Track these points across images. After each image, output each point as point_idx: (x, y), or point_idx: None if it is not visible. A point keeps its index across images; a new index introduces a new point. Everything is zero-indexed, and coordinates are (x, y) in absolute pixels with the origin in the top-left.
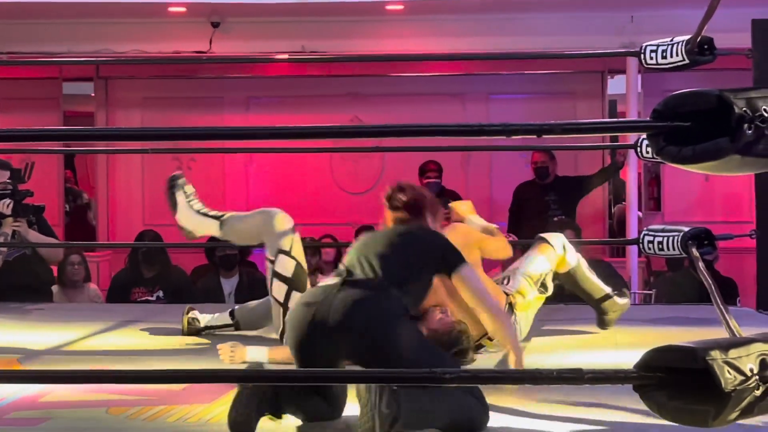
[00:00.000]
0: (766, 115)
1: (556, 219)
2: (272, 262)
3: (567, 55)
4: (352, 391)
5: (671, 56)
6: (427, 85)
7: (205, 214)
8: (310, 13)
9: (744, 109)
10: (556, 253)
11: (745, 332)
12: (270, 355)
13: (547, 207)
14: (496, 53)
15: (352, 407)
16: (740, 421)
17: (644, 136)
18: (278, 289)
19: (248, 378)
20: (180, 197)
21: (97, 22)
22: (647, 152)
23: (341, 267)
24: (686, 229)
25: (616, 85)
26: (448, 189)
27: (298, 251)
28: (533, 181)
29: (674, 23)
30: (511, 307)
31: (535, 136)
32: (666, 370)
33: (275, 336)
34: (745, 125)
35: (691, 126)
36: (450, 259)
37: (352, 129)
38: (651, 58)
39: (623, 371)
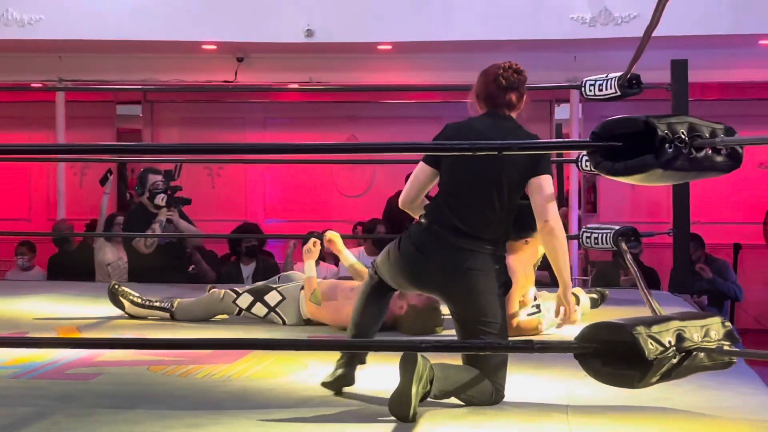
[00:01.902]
0: (683, 137)
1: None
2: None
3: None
4: None
5: (606, 89)
6: (411, 110)
7: (152, 307)
8: (317, 51)
9: (665, 132)
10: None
11: (665, 311)
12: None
13: None
14: (466, 85)
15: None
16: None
17: (584, 153)
18: None
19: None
20: (124, 301)
21: (145, 57)
22: (586, 166)
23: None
24: (617, 227)
25: (561, 112)
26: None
27: None
28: None
29: (609, 62)
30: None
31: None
32: (600, 342)
33: None
34: (667, 145)
35: (623, 145)
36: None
37: (349, 147)
38: (590, 91)
39: (566, 342)
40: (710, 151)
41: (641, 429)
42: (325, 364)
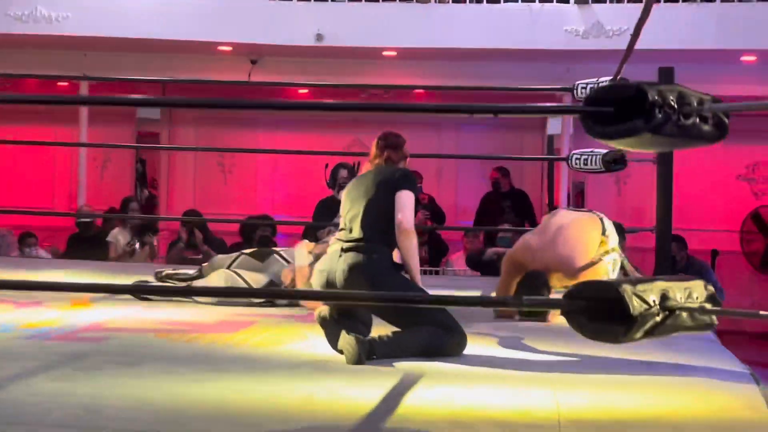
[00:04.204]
0: (672, 104)
1: (508, 221)
2: None
3: (515, 89)
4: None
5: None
6: (413, 115)
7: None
8: (326, 55)
9: (656, 97)
10: None
11: None
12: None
13: (503, 211)
14: (468, 86)
15: None
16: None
17: (574, 152)
18: None
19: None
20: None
21: (164, 56)
22: (576, 164)
23: (341, 224)
24: (605, 150)
25: (554, 126)
26: (426, 193)
27: None
28: (492, 192)
29: (601, 73)
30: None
31: (494, 115)
32: (587, 299)
33: None
34: (657, 110)
35: (615, 110)
36: (401, 182)
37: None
38: (581, 93)
39: (555, 299)
40: (698, 120)
41: (623, 395)
42: (322, 338)
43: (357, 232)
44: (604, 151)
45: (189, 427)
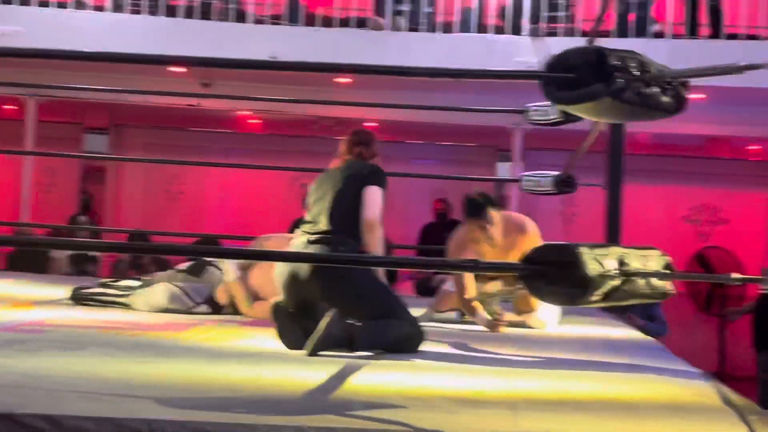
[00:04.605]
0: (633, 70)
1: None
2: None
3: (469, 109)
4: None
5: (550, 115)
6: None
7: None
8: (279, 80)
9: (617, 62)
10: None
11: (599, 329)
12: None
13: (444, 241)
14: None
15: None
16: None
17: (525, 174)
18: None
19: None
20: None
21: (115, 76)
22: (526, 186)
23: (306, 217)
24: (556, 173)
25: (502, 171)
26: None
27: None
28: (435, 222)
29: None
30: None
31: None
32: (545, 263)
33: None
34: (617, 73)
35: (575, 76)
36: (370, 178)
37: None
38: (533, 115)
39: (513, 264)
40: (657, 90)
41: (577, 383)
42: (271, 337)
43: (324, 225)
44: (555, 173)
45: (137, 394)
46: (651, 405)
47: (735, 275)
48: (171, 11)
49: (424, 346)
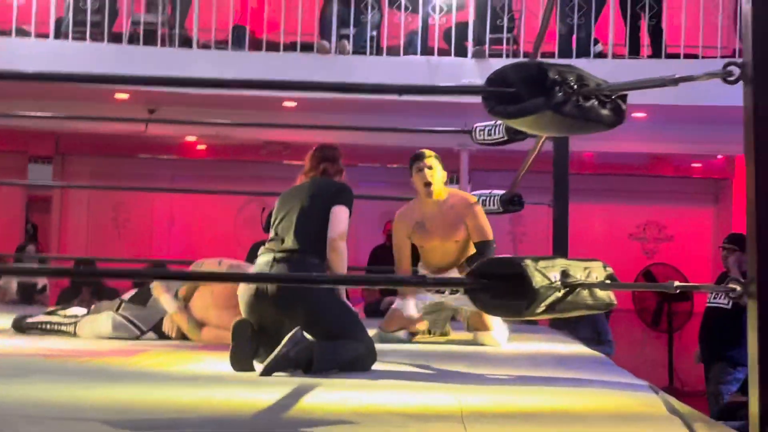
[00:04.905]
0: (572, 84)
1: None
2: None
3: (416, 130)
4: None
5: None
6: None
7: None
8: (225, 105)
9: (556, 76)
10: None
11: (546, 345)
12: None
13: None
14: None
15: None
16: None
17: (473, 193)
18: None
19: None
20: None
21: (59, 104)
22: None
23: (273, 234)
24: (502, 192)
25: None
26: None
27: None
28: (386, 244)
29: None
30: None
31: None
32: (491, 276)
33: None
34: (557, 88)
35: (516, 90)
36: (337, 197)
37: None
38: (479, 136)
39: (459, 279)
40: (596, 103)
41: (524, 397)
42: (222, 360)
43: (290, 243)
44: (502, 192)
45: (86, 418)
46: (598, 416)
47: (677, 283)
48: (115, 38)
49: (375, 365)
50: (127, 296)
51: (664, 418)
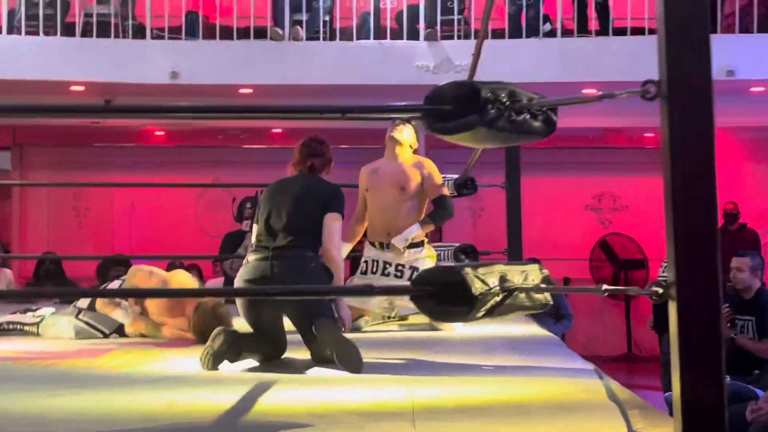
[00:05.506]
0: (504, 100)
1: None
2: None
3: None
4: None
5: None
6: (271, 155)
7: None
8: (181, 93)
9: (489, 94)
10: None
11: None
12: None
13: None
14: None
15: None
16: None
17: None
18: None
19: None
20: None
21: (14, 97)
22: None
23: (262, 229)
24: (457, 244)
25: None
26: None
27: None
28: None
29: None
30: None
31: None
32: (434, 284)
33: None
34: (489, 106)
35: (452, 108)
36: (330, 203)
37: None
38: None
39: (404, 287)
40: (528, 116)
41: (473, 388)
42: (185, 358)
43: (285, 239)
44: (456, 176)
45: (52, 428)
46: (541, 406)
47: (605, 287)
48: (68, 30)
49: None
50: (83, 304)
51: (602, 406)
